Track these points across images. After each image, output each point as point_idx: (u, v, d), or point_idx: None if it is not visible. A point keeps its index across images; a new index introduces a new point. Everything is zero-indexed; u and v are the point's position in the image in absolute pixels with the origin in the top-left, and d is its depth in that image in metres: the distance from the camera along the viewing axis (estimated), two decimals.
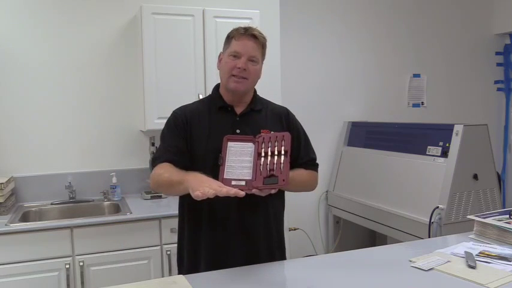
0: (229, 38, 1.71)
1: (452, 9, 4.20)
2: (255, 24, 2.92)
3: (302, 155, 1.79)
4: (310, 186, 1.84)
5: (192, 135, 1.69)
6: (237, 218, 1.67)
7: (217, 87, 1.79)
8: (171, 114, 1.76)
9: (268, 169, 1.52)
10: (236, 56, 1.66)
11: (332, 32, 3.78)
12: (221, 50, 1.76)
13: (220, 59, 1.74)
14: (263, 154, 1.56)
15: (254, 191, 1.50)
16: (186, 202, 1.73)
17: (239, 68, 1.64)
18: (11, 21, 2.85)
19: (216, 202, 1.63)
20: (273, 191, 1.52)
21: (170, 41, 2.84)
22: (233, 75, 1.66)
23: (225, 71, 1.68)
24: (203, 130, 1.69)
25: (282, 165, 1.52)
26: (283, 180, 1.50)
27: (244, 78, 1.66)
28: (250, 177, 1.53)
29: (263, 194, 1.52)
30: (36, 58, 2.90)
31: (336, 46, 3.80)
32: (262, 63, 1.74)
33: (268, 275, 1.51)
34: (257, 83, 1.80)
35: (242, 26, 1.71)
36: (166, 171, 1.60)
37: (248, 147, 1.59)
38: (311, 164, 1.83)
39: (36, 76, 2.90)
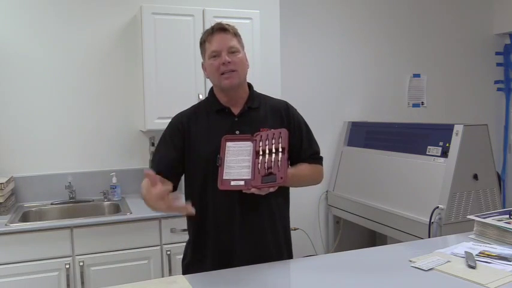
0: (202, 44, 1.72)
1: (452, 9, 4.20)
2: (255, 24, 2.94)
3: (305, 148, 1.77)
4: (314, 180, 1.82)
5: (191, 140, 1.69)
6: (242, 218, 1.65)
7: (212, 89, 1.78)
8: (169, 122, 1.77)
9: (266, 167, 1.52)
10: (216, 55, 1.65)
11: (332, 32, 3.78)
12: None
13: (204, 68, 1.75)
14: (261, 152, 1.55)
15: (253, 190, 1.50)
16: (190, 203, 1.72)
17: (224, 63, 1.63)
18: (11, 21, 2.85)
19: (219, 202, 1.64)
20: (272, 189, 1.52)
21: (170, 41, 2.84)
22: (222, 74, 1.65)
23: (213, 73, 1.68)
24: (202, 134, 1.68)
25: (279, 162, 1.52)
26: (281, 177, 1.50)
27: (232, 71, 1.65)
28: (249, 177, 1.52)
29: (263, 193, 1.52)
30: (36, 58, 2.90)
31: (336, 46, 3.80)
32: (244, 51, 1.72)
33: (268, 275, 1.50)
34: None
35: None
36: (144, 186, 1.60)
37: (246, 147, 1.58)
38: (315, 157, 1.81)
39: (36, 76, 2.90)
